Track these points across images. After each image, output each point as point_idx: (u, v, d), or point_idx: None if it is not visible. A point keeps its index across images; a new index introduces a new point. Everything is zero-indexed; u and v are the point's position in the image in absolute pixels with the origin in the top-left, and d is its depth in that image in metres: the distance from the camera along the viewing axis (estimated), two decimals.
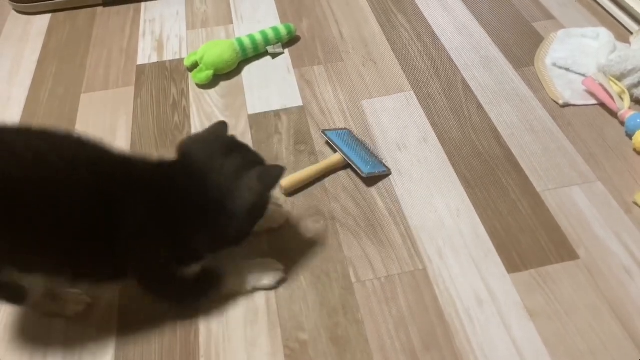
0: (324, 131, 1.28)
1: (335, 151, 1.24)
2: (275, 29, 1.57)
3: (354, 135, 1.30)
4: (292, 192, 1.19)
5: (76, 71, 1.55)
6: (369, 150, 1.27)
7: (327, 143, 1.29)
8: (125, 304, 1.01)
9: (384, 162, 1.24)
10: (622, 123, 1.28)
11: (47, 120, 1.40)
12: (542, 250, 1.07)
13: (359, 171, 1.18)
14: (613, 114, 1.31)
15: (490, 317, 0.97)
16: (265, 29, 1.56)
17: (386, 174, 1.22)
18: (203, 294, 0.99)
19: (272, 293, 1.02)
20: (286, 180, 1.17)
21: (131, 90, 1.47)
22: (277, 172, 0.89)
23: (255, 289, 1.02)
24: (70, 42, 1.66)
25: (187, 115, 1.39)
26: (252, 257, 1.05)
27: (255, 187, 0.88)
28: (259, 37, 1.54)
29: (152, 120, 1.38)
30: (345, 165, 1.23)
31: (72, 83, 1.50)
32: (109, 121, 1.38)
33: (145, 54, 1.60)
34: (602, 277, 1.02)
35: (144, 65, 1.56)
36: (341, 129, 1.32)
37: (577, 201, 1.14)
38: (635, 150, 1.23)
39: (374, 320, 0.98)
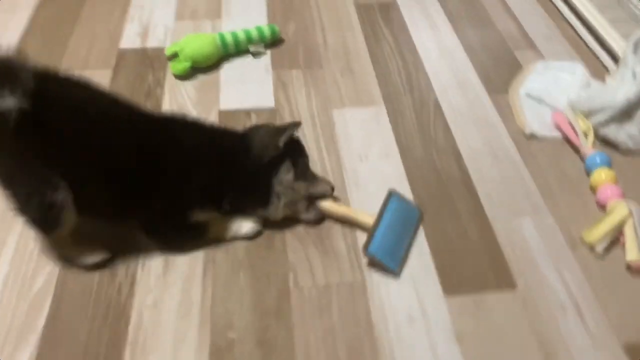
0: (390, 191, 1.15)
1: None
2: (259, 29, 1.58)
3: (414, 220, 1.16)
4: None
5: (57, 49, 1.56)
6: (405, 244, 1.12)
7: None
8: (64, 279, 1.03)
9: (401, 262, 1.09)
10: (584, 160, 1.29)
11: None
12: (481, 276, 1.07)
13: (366, 244, 1.07)
14: (577, 150, 1.32)
15: (418, 336, 0.98)
16: (249, 28, 1.58)
17: (389, 269, 1.07)
18: (191, 236, 1.10)
19: (209, 288, 1.03)
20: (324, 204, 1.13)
21: (108, 73, 1.48)
22: (289, 125, 1.07)
23: (235, 238, 1.11)
24: (57, 19, 1.67)
25: (159, 104, 1.40)
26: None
27: (262, 140, 1.06)
28: (242, 36, 1.55)
29: None
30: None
31: (51, 60, 1.51)
32: None
33: (129, 39, 1.61)
34: (536, 310, 1.03)
35: (126, 49, 1.57)
36: (414, 205, 1.18)
37: (525, 232, 1.15)
38: (590, 188, 1.24)
39: (304, 327, 0.99)
